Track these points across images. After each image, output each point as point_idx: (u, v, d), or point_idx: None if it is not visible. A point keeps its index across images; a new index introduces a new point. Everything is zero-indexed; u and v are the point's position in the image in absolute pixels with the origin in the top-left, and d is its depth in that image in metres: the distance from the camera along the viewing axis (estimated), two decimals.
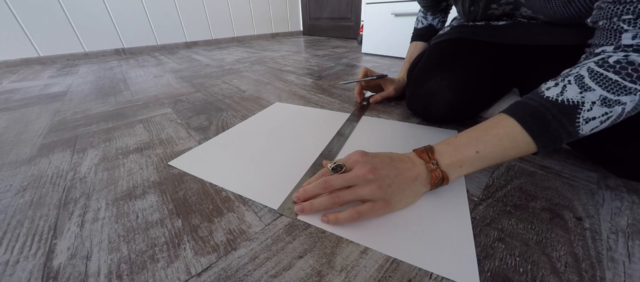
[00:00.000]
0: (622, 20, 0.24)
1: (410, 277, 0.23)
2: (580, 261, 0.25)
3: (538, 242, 0.27)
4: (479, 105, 0.52)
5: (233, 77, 1.00)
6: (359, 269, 0.24)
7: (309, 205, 0.30)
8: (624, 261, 0.25)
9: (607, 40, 0.25)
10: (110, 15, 1.56)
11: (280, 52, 1.64)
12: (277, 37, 2.54)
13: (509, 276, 0.24)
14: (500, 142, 0.28)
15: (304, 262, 0.25)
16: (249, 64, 1.26)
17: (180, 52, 1.75)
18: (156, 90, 0.85)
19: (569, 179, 0.36)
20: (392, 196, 0.29)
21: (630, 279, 0.23)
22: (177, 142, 0.49)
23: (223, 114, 0.63)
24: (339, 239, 0.27)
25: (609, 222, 0.29)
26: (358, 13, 2.12)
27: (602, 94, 0.24)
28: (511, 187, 0.35)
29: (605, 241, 0.27)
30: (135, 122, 0.60)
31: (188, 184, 0.37)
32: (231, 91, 0.82)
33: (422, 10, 0.65)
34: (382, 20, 1.32)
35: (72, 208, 0.33)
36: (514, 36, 0.44)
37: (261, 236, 0.28)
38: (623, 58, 0.24)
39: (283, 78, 0.97)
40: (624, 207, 0.31)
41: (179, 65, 1.29)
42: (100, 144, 0.50)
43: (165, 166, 0.41)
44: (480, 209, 0.31)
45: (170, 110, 0.66)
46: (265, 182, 0.36)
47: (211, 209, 0.32)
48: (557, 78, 0.28)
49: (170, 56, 1.58)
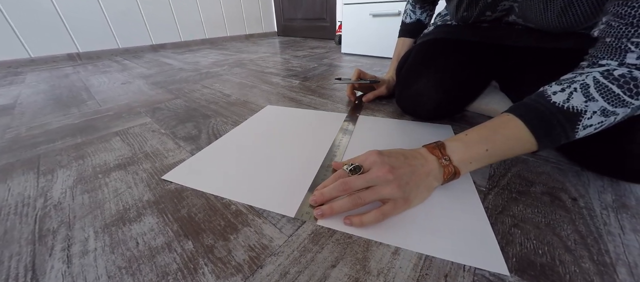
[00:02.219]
0: (631, 42, 0.25)
1: (446, 272, 0.24)
2: (585, 237, 0.27)
3: (547, 224, 0.29)
4: (464, 101, 0.55)
5: (213, 81, 0.94)
6: (395, 270, 0.24)
7: (328, 208, 0.29)
8: (619, 233, 0.28)
9: (611, 55, 0.27)
10: (60, 16, 1.38)
11: (258, 53, 1.59)
12: (252, 38, 2.47)
13: (531, 259, 0.25)
14: (508, 142, 0.30)
15: (338, 271, 0.24)
16: (227, 67, 1.20)
17: (146, 55, 1.61)
18: (127, 98, 0.77)
19: (557, 164, 0.40)
20: (410, 193, 0.29)
21: (627, 249, 0.26)
22: (165, 155, 0.45)
23: (211, 120, 0.59)
24: (367, 243, 0.27)
25: (598, 200, 0.33)
26: (333, 13, 2.14)
27: (602, 105, 0.26)
28: (511, 175, 0.37)
29: (600, 217, 0.30)
30: (110, 135, 0.53)
31: (190, 200, 0.33)
32: (215, 96, 0.77)
33: (410, 3, 0.65)
34: (361, 20, 1.35)
35: (51, 241, 0.28)
36: (499, 37, 0.47)
37: (286, 249, 0.26)
38: (627, 73, 0.26)
39: (268, 80, 0.94)
40: (606, 184, 0.35)
41: (148, 70, 1.19)
42: (72, 162, 0.43)
43: (158, 182, 0.37)
44: (490, 198, 0.33)
45: (150, 120, 0.60)
46: (275, 190, 0.35)
47: (223, 226, 0.29)
48: (561, 83, 0.29)
49: (136, 60, 1.44)
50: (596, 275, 0.23)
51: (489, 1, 0.43)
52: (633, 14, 0.25)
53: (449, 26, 0.53)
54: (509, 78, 0.53)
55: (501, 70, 0.53)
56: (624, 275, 0.23)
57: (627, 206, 0.31)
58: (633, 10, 0.25)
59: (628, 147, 0.29)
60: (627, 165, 0.31)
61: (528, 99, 0.32)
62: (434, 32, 0.55)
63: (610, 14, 0.28)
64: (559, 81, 0.30)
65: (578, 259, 0.25)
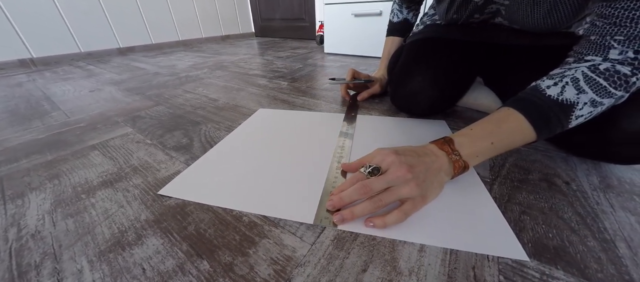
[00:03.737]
0: (614, 39, 0.28)
1: (473, 264, 0.24)
2: (584, 218, 0.30)
3: (550, 209, 0.31)
4: (455, 97, 0.57)
5: (196, 86, 0.89)
6: (425, 268, 0.24)
7: (349, 213, 0.28)
8: (611, 211, 0.30)
9: (595, 52, 0.30)
10: (8, 17, 1.22)
11: (238, 55, 1.53)
12: (228, 39, 2.38)
13: (544, 243, 0.26)
14: (511, 134, 0.31)
15: (369, 275, 0.23)
16: (208, 70, 1.14)
17: (113, 60, 1.48)
18: (100, 107, 0.70)
19: (545, 151, 0.43)
20: (426, 190, 0.29)
21: (620, 225, 0.29)
22: (157, 168, 0.41)
23: (202, 127, 0.55)
24: (392, 243, 0.26)
25: (587, 182, 0.36)
26: (312, 13, 2.13)
27: (592, 97, 0.29)
28: (509, 165, 0.39)
29: (592, 198, 0.33)
30: (87, 149, 0.47)
31: (196, 215, 0.31)
32: (200, 101, 0.73)
33: (397, 3, 0.66)
34: (343, 20, 1.36)
35: (36, 277, 0.24)
36: (486, 37, 0.50)
37: (312, 258, 0.25)
38: (611, 67, 0.28)
39: (254, 83, 0.91)
40: (590, 168, 0.39)
41: (118, 75, 1.09)
42: (45, 183, 0.38)
43: (154, 198, 0.34)
44: (495, 189, 0.35)
45: (131, 130, 0.55)
46: (288, 197, 0.33)
47: (239, 240, 0.27)
48: (552, 78, 0.32)
49: (103, 65, 1.32)
50: (601, 252, 0.25)
51: (478, 4, 0.45)
52: (616, 15, 0.28)
53: (439, 26, 0.54)
54: (494, 74, 0.56)
55: (487, 66, 0.56)
56: (624, 249, 0.26)
57: (612, 186, 0.35)
58: (616, 11, 0.28)
59: (613, 135, 0.32)
60: (611, 150, 0.34)
61: (524, 94, 0.33)
62: (424, 32, 0.56)
63: (595, 15, 0.31)
64: (550, 76, 0.32)
65: (583, 238, 0.27)
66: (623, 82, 0.28)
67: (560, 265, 0.24)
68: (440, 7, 0.52)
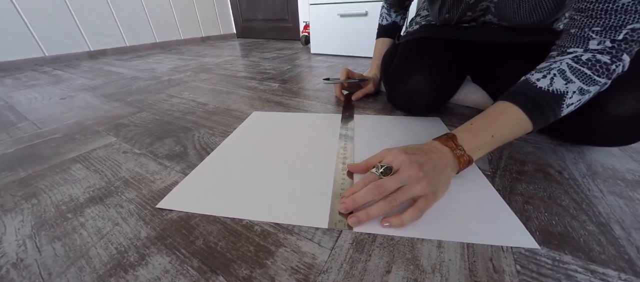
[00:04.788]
0: (593, 31, 0.30)
1: (490, 256, 0.25)
2: (580, 204, 0.32)
3: (549, 197, 0.33)
4: (449, 95, 0.59)
5: (180, 89, 0.85)
6: (446, 264, 0.24)
7: (364, 214, 0.28)
8: (601, 197, 0.33)
9: (576, 44, 0.32)
10: None
11: (222, 57, 1.48)
12: (209, 40, 2.30)
13: (550, 230, 0.28)
14: (509, 126, 0.33)
15: (394, 276, 0.23)
16: (191, 73, 1.09)
17: (83, 64, 1.36)
18: (75, 116, 0.64)
19: (534, 143, 0.46)
20: (436, 186, 0.30)
21: (612, 208, 0.31)
22: (151, 179, 0.38)
23: (194, 133, 0.53)
24: (410, 241, 0.27)
25: (576, 170, 0.38)
26: (296, 14, 2.12)
27: (579, 86, 0.31)
28: (505, 158, 0.41)
29: (583, 184, 0.35)
30: (67, 162, 0.43)
31: (202, 228, 0.29)
32: (188, 106, 0.69)
33: (386, 7, 0.68)
34: (328, 20, 1.36)
35: None
36: (477, 36, 0.52)
37: (334, 264, 0.24)
38: (592, 57, 0.30)
39: (244, 85, 0.88)
40: (577, 156, 0.42)
41: (92, 80, 1.01)
42: (21, 203, 0.34)
43: (153, 213, 0.31)
44: (497, 181, 0.36)
45: (116, 139, 0.51)
46: (298, 202, 0.32)
47: (254, 251, 0.26)
48: (541, 71, 0.33)
49: (72, 70, 1.22)
50: (601, 235, 0.27)
51: (470, 3, 0.46)
52: (592, 8, 0.30)
53: (433, 26, 0.56)
54: (482, 71, 0.59)
55: (476, 64, 0.59)
56: (619, 231, 0.28)
57: (598, 173, 0.37)
58: (591, 4, 0.30)
59: (601, 119, 0.35)
60: (599, 133, 0.37)
61: (516, 88, 0.35)
62: (419, 32, 0.58)
63: (572, 10, 0.33)
64: (538, 70, 0.34)
65: (583, 223, 0.29)
66: (605, 70, 0.30)
67: (567, 250, 0.26)
68: (433, 8, 0.53)
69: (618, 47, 0.30)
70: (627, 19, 0.28)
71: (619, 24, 0.29)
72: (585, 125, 0.37)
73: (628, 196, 0.33)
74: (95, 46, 1.54)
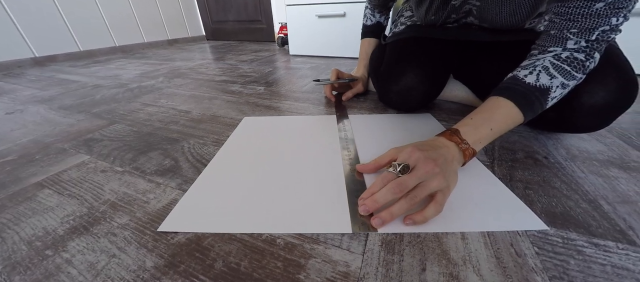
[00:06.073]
0: (570, 32, 0.34)
1: (510, 241, 0.26)
2: (569, 184, 0.35)
3: (544, 181, 0.36)
4: (439, 91, 0.62)
5: (156, 97, 0.78)
6: (474, 254, 0.25)
7: (387, 214, 0.28)
8: (584, 176, 0.37)
9: (556, 43, 0.35)
10: None
11: (194, 60, 1.39)
12: (176, 43, 2.15)
13: (552, 211, 0.30)
14: (504, 119, 0.35)
15: (430, 273, 0.23)
16: (164, 79, 1.01)
17: (28, 72, 1.18)
18: (29, 133, 0.55)
19: (519, 132, 0.50)
20: (449, 179, 0.31)
21: (594, 186, 0.35)
22: (144, 199, 0.34)
23: (183, 144, 0.48)
24: (436, 236, 0.27)
25: (558, 155, 0.42)
26: (269, 15, 2.07)
27: (561, 80, 0.34)
28: (498, 148, 0.44)
29: (567, 167, 0.39)
30: (31, 189, 0.37)
31: (219, 248, 0.26)
32: (169, 114, 0.63)
33: (370, 8, 0.70)
34: (306, 22, 1.35)
35: None
36: (462, 35, 0.55)
37: (369, 269, 0.24)
38: (570, 55, 0.34)
39: (226, 89, 0.83)
40: (555, 142, 0.46)
41: (43, 91, 0.88)
42: None
43: (155, 238, 0.28)
44: (496, 170, 0.38)
45: (89, 157, 0.45)
46: (314, 208, 0.31)
47: (283, 267, 0.24)
48: (526, 68, 0.36)
49: (15, 80, 1.05)
50: (593, 210, 0.30)
51: (456, 6, 0.49)
52: (570, 12, 0.34)
53: (419, 26, 0.58)
54: (465, 68, 0.63)
55: (459, 62, 0.62)
56: (606, 206, 0.31)
57: (576, 156, 0.42)
58: (569, 9, 0.34)
59: (577, 109, 0.39)
60: (576, 121, 0.41)
61: (507, 84, 0.38)
62: (407, 32, 0.59)
63: (552, 14, 0.36)
64: (523, 67, 0.38)
65: (577, 202, 0.32)
66: (581, 66, 0.34)
67: (571, 228, 0.28)
68: (419, 10, 0.55)
69: (591, 46, 0.33)
70: (599, 21, 0.32)
71: (593, 27, 0.32)
72: (563, 115, 0.41)
73: (604, 174, 0.37)
74: (42, 52, 1.34)
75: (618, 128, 0.51)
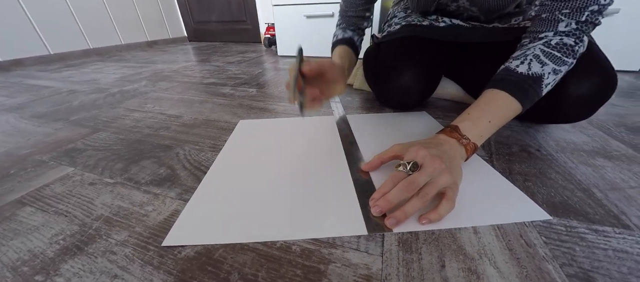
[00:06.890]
0: (562, 13, 0.35)
1: (519, 233, 0.27)
2: (563, 174, 0.37)
3: (541, 173, 0.37)
4: (433, 89, 0.63)
5: (141, 102, 0.73)
6: (489, 247, 0.25)
7: (402, 213, 0.28)
8: (575, 166, 0.39)
9: (547, 27, 0.37)
10: None
11: (178, 63, 1.34)
12: (156, 45, 2.05)
13: (552, 201, 0.32)
14: (503, 110, 0.36)
15: (450, 269, 0.23)
16: (147, 82, 0.96)
17: None
18: (1, 145, 0.50)
19: (510, 127, 0.52)
20: (455, 175, 0.31)
21: (585, 176, 0.37)
22: (142, 212, 0.32)
23: (177, 151, 0.46)
24: (450, 232, 0.27)
25: (549, 147, 0.44)
26: (254, 15, 2.04)
27: (553, 67, 0.35)
28: (494, 143, 0.46)
29: (559, 159, 0.41)
30: (9, 207, 0.33)
31: (232, 260, 0.25)
32: (158, 120, 0.60)
33: (340, 27, 0.61)
34: (294, 22, 1.34)
35: None
36: (454, 36, 0.57)
37: (391, 270, 0.23)
38: (560, 41, 0.35)
39: (217, 92, 0.81)
40: (545, 135, 0.49)
41: (11, 98, 0.80)
42: None
43: (161, 253, 0.26)
44: (495, 164, 0.40)
45: (73, 169, 0.41)
46: (327, 212, 0.30)
47: (303, 274, 0.23)
48: (518, 58, 0.38)
49: None
50: (588, 198, 0.32)
51: None
52: None
53: (415, 26, 0.59)
54: (456, 66, 0.65)
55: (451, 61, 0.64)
56: (599, 193, 0.33)
57: (564, 147, 0.44)
58: None
59: (565, 99, 0.41)
60: (564, 112, 0.43)
61: (500, 76, 0.39)
62: (401, 32, 0.60)
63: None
64: (515, 57, 0.38)
65: (572, 191, 0.34)
66: (571, 51, 0.35)
67: (571, 216, 0.30)
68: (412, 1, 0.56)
69: (580, 29, 0.35)
70: (588, 1, 0.33)
71: (583, 6, 0.33)
72: (553, 106, 0.44)
73: (592, 164, 0.40)
74: (5, 55, 1.23)
75: (596, 120, 0.55)
